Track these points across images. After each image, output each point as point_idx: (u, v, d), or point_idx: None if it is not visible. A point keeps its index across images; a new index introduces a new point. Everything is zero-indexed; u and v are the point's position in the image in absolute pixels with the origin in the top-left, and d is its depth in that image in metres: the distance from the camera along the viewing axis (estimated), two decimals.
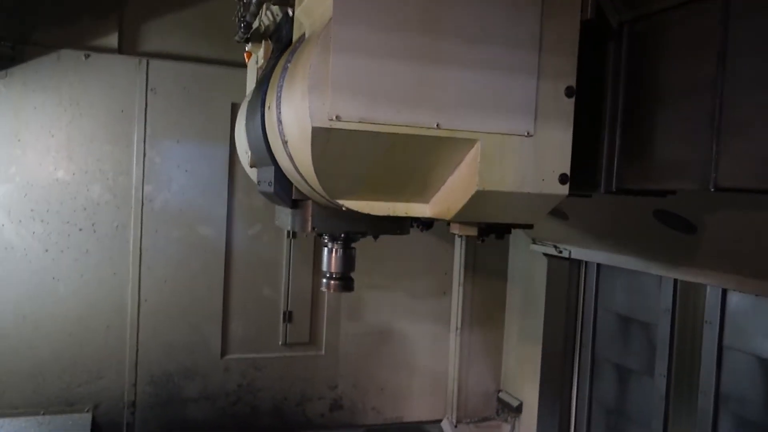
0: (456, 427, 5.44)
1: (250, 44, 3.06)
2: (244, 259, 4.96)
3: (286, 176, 2.26)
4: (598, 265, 4.32)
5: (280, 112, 1.97)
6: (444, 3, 1.78)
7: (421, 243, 5.32)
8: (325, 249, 2.57)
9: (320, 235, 2.54)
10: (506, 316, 5.46)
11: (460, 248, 5.37)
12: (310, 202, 2.32)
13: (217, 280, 4.88)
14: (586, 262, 4.41)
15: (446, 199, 1.98)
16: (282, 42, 2.40)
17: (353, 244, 2.59)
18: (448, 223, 2.22)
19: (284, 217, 2.54)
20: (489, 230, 2.31)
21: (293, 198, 2.31)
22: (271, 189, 2.32)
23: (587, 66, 1.99)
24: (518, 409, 5.28)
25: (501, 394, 5.50)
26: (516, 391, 5.34)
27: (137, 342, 4.71)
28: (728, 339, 3.35)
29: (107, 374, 4.67)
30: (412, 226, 2.64)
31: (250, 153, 2.71)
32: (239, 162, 4.77)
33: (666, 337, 3.74)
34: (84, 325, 4.60)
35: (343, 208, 1.99)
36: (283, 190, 2.29)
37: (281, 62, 2.17)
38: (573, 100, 1.90)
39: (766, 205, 2.49)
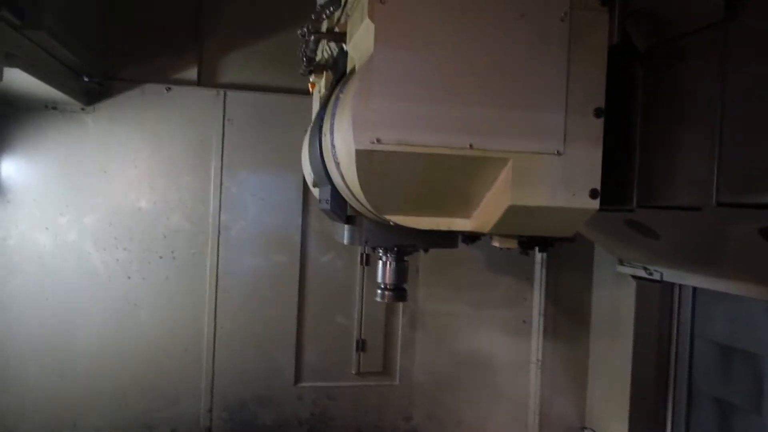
0: None
1: (313, 75, 3.28)
2: (317, 285, 5.04)
3: (341, 195, 2.46)
4: (694, 288, 3.94)
5: (333, 137, 2.17)
6: (475, 33, 1.94)
7: (499, 268, 5.13)
8: (380, 262, 2.79)
9: (374, 249, 2.78)
10: (591, 346, 5.12)
11: (541, 273, 5.11)
12: (363, 218, 2.53)
13: (290, 307, 4.95)
14: (680, 286, 4.04)
15: (484, 213, 2.11)
16: (339, 73, 2.62)
17: (406, 258, 2.78)
18: (491, 237, 2.37)
19: (341, 232, 2.76)
20: (530, 243, 2.44)
21: (348, 214, 2.53)
22: (329, 207, 2.53)
23: (617, 87, 2.08)
24: None
25: (585, 431, 5.09)
26: (602, 429, 4.95)
27: (213, 368, 4.79)
28: None
29: (184, 399, 4.75)
30: (463, 242, 2.80)
31: (312, 174, 2.93)
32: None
33: None
34: (162, 351, 4.78)
35: (391, 223, 2.16)
36: (339, 207, 2.51)
37: (335, 92, 2.39)
38: (602, 120, 2.00)
39: None
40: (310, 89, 3.45)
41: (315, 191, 3.15)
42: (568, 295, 5.23)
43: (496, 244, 2.38)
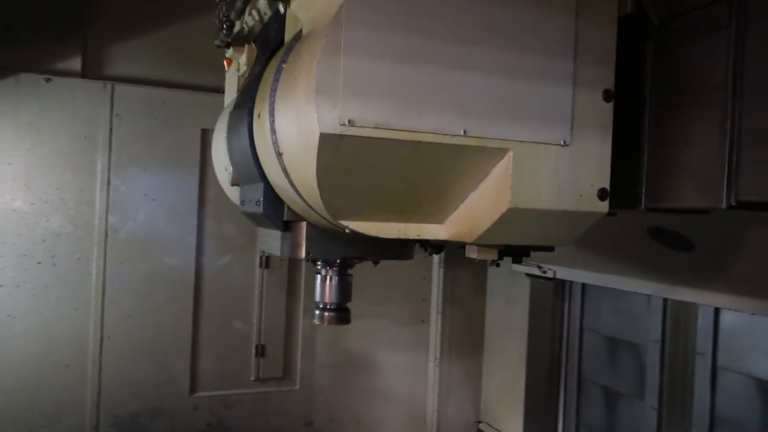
0: None
1: (230, 50, 2.81)
2: (214, 290, 4.70)
3: (276, 194, 2.02)
4: (584, 285, 4.21)
5: (273, 120, 1.75)
6: None
7: (398, 268, 5.14)
8: (318, 276, 2.32)
9: (313, 262, 2.28)
10: (486, 342, 5.31)
11: (438, 273, 5.22)
12: (304, 224, 2.07)
13: (185, 314, 4.60)
14: (570, 282, 4.30)
15: (468, 218, 1.76)
16: (270, 44, 2.19)
17: (350, 271, 2.36)
18: (461, 246, 2.00)
19: (271, 241, 2.26)
20: (507, 253, 2.06)
21: (285, 219, 2.06)
22: (260, 209, 2.05)
23: (623, 68, 1.79)
24: None
25: (481, 425, 5.31)
26: (497, 422, 5.16)
27: (99, 381, 4.38)
28: (722, 360, 3.24)
29: (66, 417, 4.32)
30: (418, 246, 2.43)
31: (231, 170, 2.48)
32: (210, 189, 4.60)
33: (656, 369, 3.63)
34: (42, 365, 4.25)
35: (347, 231, 1.76)
36: (274, 210, 2.04)
37: (273, 63, 1.94)
38: (611, 104, 1.72)
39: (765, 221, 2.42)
40: (226, 66, 2.95)
41: (231, 191, 2.70)
42: (464, 293, 5.24)
43: (473, 255, 1.95)
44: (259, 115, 1.89)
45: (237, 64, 2.80)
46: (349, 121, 1.46)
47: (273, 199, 2.02)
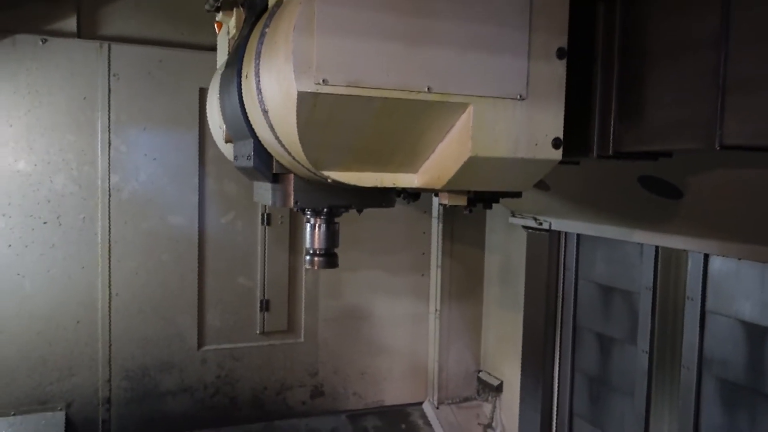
0: (437, 408, 5.42)
1: (221, 14, 2.94)
2: (217, 247, 4.84)
3: (265, 149, 2.20)
4: (578, 235, 4.31)
5: (259, 81, 1.89)
6: None
7: (398, 223, 5.27)
8: (308, 225, 2.53)
9: (302, 211, 2.49)
10: (485, 294, 5.44)
11: (438, 227, 5.32)
12: (291, 176, 2.26)
13: (190, 271, 4.75)
14: (566, 234, 4.39)
15: (436, 167, 1.95)
16: (256, 8, 2.32)
17: (336, 219, 2.55)
18: (436, 193, 2.19)
19: (263, 192, 2.47)
20: (477, 199, 2.28)
21: (274, 172, 2.25)
22: (251, 163, 2.23)
23: (577, 24, 1.94)
24: (499, 389, 5.28)
25: (481, 374, 5.49)
26: (496, 370, 5.34)
27: (110, 337, 4.56)
28: (711, 304, 3.36)
29: (79, 371, 4.50)
30: (399, 197, 2.61)
31: (224, 128, 2.62)
32: (210, 149, 4.68)
33: (647, 315, 3.75)
34: (53, 322, 4.43)
35: (329, 180, 1.93)
36: (263, 163, 2.22)
37: (258, 27, 2.09)
38: (564, 61, 1.88)
39: (749, 167, 2.48)
40: (217, 30, 3.08)
41: (225, 148, 2.85)
42: (463, 247, 5.35)
43: (444, 201, 2.17)
44: (246, 76, 2.03)
45: (227, 27, 2.91)
46: (323, 81, 1.63)
47: (262, 154, 2.20)
